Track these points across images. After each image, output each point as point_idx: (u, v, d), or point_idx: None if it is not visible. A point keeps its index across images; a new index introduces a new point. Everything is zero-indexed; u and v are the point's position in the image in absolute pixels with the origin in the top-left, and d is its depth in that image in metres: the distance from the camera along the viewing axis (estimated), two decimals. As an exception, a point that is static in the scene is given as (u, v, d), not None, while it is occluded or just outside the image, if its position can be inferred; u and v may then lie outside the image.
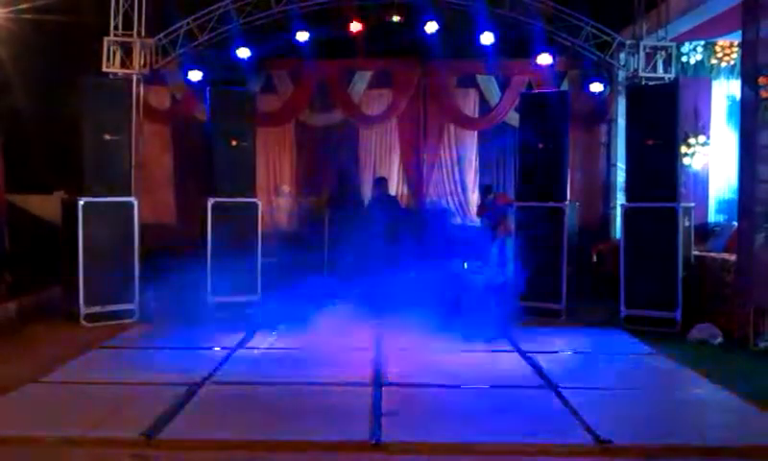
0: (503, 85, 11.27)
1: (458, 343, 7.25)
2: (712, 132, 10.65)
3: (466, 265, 8.93)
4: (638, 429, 4.68)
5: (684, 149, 9.96)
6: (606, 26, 9.22)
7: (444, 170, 11.66)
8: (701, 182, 10.65)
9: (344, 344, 7.14)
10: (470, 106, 11.59)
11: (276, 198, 11.43)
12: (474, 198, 11.66)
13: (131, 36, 8.80)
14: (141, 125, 9.20)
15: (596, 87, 10.53)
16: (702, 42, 10.46)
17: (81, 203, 8.06)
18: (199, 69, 9.95)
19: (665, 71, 8.97)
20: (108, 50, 8.76)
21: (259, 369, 6.30)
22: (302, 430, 4.60)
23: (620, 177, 10.08)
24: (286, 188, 11.56)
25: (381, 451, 4.35)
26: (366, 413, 4.96)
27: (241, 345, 7.18)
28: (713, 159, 10.63)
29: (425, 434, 4.56)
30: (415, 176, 11.60)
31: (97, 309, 8.05)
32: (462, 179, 11.68)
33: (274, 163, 11.49)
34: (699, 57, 10.54)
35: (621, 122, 9.94)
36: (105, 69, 8.77)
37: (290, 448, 4.38)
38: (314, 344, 7.14)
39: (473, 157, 11.63)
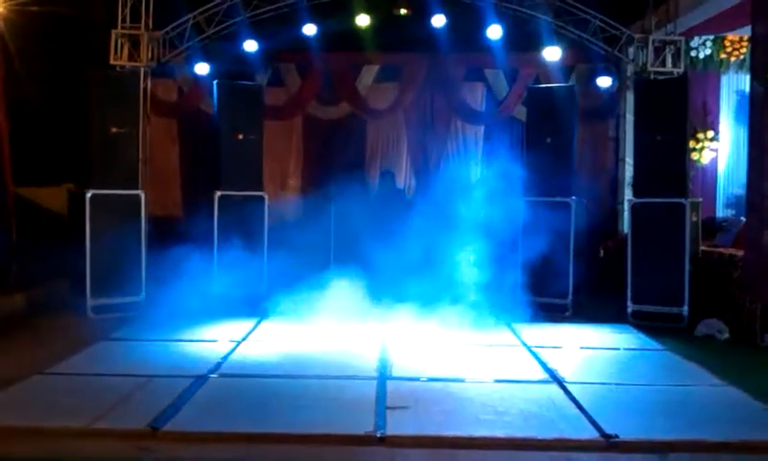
0: (511, 79, 11.23)
1: (463, 336, 7.28)
2: (721, 126, 10.59)
3: (472, 258, 8.91)
4: (645, 424, 4.67)
5: (692, 144, 9.91)
6: (614, 20, 9.16)
7: (451, 163, 11.61)
8: (709, 177, 10.59)
9: (349, 337, 7.17)
10: (478, 99, 11.54)
11: (282, 191, 11.42)
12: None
13: (138, 28, 8.79)
14: (148, 118, 9.18)
15: (604, 82, 10.48)
16: (711, 37, 10.38)
17: (88, 195, 8.11)
18: (206, 62, 9.95)
19: (674, 66, 8.90)
20: (116, 43, 8.75)
21: (265, 361, 6.31)
22: (307, 423, 4.61)
23: (628, 172, 10.03)
24: (292, 182, 11.55)
25: (386, 445, 4.35)
26: (371, 406, 4.97)
27: (246, 337, 7.21)
28: (722, 154, 10.58)
29: (430, 428, 4.57)
30: (422, 170, 11.58)
31: (104, 301, 8.10)
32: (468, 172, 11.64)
33: (280, 157, 11.48)
34: (708, 51, 10.47)
35: (629, 117, 9.88)
36: (112, 62, 8.75)
37: (296, 440, 4.39)
38: (320, 336, 7.17)
39: (480, 151, 11.58)
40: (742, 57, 10.34)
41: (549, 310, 8.40)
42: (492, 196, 10.66)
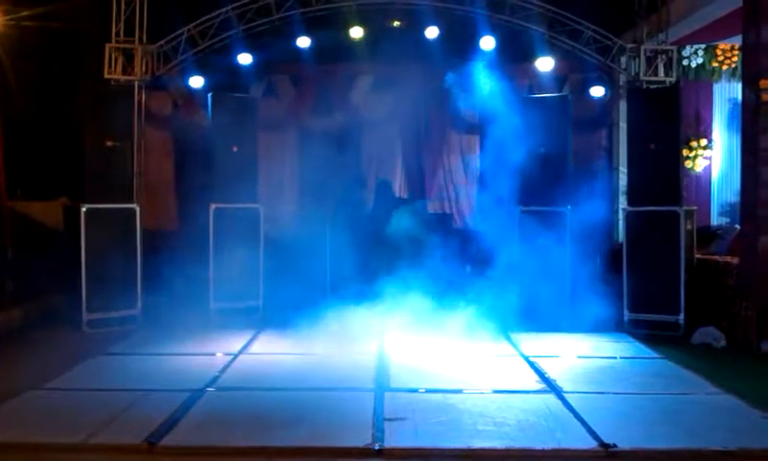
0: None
1: (461, 346, 7.27)
2: (714, 135, 10.64)
3: (468, 269, 8.92)
4: (643, 433, 4.67)
5: (685, 152, 9.95)
6: (606, 30, 9.20)
7: (447, 174, 11.62)
8: (703, 186, 10.63)
9: (346, 348, 7.15)
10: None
11: (278, 203, 11.40)
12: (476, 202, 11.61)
13: (132, 42, 8.80)
14: (143, 131, 9.18)
15: (597, 91, 10.51)
16: (703, 46, 10.44)
17: (83, 209, 8.09)
18: (200, 75, 9.96)
19: (666, 75, 8.93)
20: (110, 56, 8.75)
21: (261, 374, 6.30)
22: (305, 436, 4.59)
23: (622, 181, 10.06)
24: (288, 193, 11.54)
25: (384, 457, 4.34)
26: (369, 418, 4.95)
27: (243, 350, 7.19)
28: (715, 162, 10.62)
29: (428, 440, 4.55)
30: (417, 180, 11.59)
31: (100, 316, 8.07)
32: (464, 183, 11.65)
33: (276, 168, 11.46)
34: (700, 60, 10.53)
35: (623, 126, 9.92)
36: (106, 76, 8.75)
37: (294, 454, 4.38)
38: (317, 348, 7.15)
39: (475, 162, 11.59)
40: (734, 65, 10.41)
41: (547, 319, 8.37)
42: (488, 206, 10.71)
